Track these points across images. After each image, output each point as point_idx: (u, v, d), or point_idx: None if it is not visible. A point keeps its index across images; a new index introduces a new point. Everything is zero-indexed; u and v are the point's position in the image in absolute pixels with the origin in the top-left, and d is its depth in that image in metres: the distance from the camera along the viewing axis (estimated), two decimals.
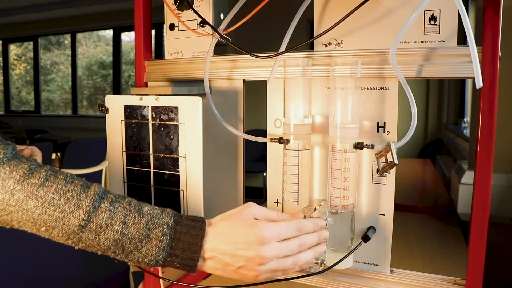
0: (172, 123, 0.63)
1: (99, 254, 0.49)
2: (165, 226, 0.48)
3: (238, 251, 0.48)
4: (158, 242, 0.48)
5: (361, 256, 0.63)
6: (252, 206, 0.52)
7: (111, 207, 0.48)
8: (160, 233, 0.48)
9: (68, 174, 0.49)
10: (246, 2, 0.62)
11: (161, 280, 0.66)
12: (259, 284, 0.62)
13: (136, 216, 0.48)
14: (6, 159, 0.46)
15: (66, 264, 1.15)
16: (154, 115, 0.65)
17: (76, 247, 0.48)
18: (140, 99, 0.66)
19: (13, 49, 6.60)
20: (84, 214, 0.46)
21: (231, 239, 0.49)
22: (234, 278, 0.50)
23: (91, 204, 0.47)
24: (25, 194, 0.45)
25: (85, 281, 1.21)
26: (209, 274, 0.92)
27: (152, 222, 0.48)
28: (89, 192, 0.48)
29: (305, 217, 0.55)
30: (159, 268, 0.62)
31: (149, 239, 0.48)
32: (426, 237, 1.09)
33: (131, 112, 0.67)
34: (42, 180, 0.46)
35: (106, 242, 0.47)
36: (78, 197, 0.47)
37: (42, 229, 0.46)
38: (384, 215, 0.61)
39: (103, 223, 0.47)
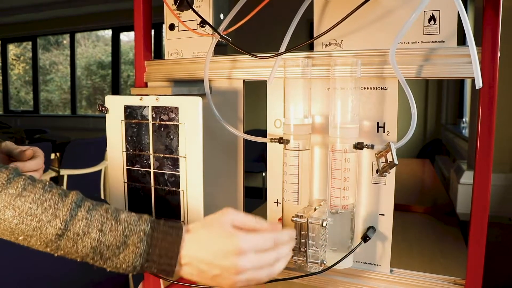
0: (172, 123, 0.63)
1: (78, 261, 0.49)
2: (141, 233, 0.49)
3: (215, 260, 0.48)
4: (135, 248, 0.48)
5: (361, 256, 0.63)
6: (231, 212, 0.51)
7: (88, 215, 0.48)
8: (137, 240, 0.48)
9: (47, 183, 0.49)
10: (246, 3, 0.62)
11: (161, 280, 0.66)
12: (260, 284, 0.62)
13: (113, 223, 0.49)
14: None
15: (65, 264, 1.14)
16: (154, 115, 0.65)
17: (56, 255, 0.49)
18: (140, 99, 0.66)
19: (12, 49, 6.59)
20: (61, 223, 0.47)
21: (209, 247, 0.49)
22: (209, 285, 0.51)
23: (68, 213, 0.47)
24: (2, 204, 0.46)
25: (85, 281, 1.21)
26: None
27: (129, 229, 0.49)
28: (66, 201, 0.48)
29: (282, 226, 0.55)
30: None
31: (126, 246, 0.48)
32: (425, 237, 1.09)
33: (131, 112, 0.67)
34: (20, 190, 0.47)
35: (84, 250, 0.48)
36: (56, 206, 0.47)
37: (20, 238, 0.47)
38: (384, 215, 0.61)
39: (80, 231, 0.47)
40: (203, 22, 0.70)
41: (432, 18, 0.56)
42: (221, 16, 0.72)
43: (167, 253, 0.48)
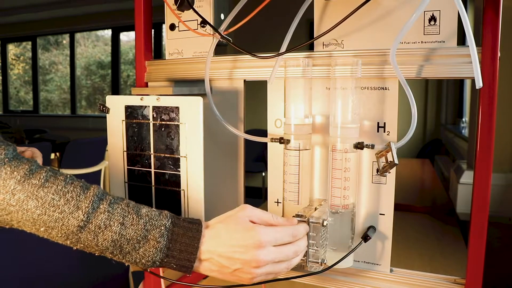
0: (173, 123, 0.63)
1: (97, 254, 0.49)
2: (162, 228, 0.49)
3: (235, 254, 0.49)
4: (156, 243, 0.48)
5: (361, 256, 0.63)
6: (248, 208, 0.52)
7: (110, 208, 0.48)
8: (158, 234, 0.48)
9: (68, 176, 0.49)
10: (246, 3, 0.63)
11: (162, 280, 0.66)
12: (260, 284, 0.62)
13: (135, 217, 0.49)
14: (7, 159, 0.46)
15: (65, 264, 1.15)
16: (155, 115, 0.65)
17: (75, 248, 0.49)
18: (141, 99, 0.66)
19: (12, 49, 6.59)
20: (83, 215, 0.47)
21: (228, 241, 0.49)
22: (229, 280, 0.51)
23: (90, 205, 0.47)
24: (25, 195, 0.46)
25: (85, 281, 1.21)
26: None
27: (150, 223, 0.49)
28: (88, 193, 0.48)
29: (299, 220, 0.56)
30: (160, 268, 0.63)
31: (146, 240, 0.48)
32: (425, 237, 1.09)
33: (132, 112, 0.67)
34: (43, 181, 0.47)
35: (105, 243, 0.47)
36: (78, 198, 0.47)
37: (42, 229, 0.47)
38: (384, 214, 0.61)
39: (102, 224, 0.47)
40: (204, 22, 0.70)
41: (432, 18, 0.56)
42: (222, 16, 0.72)
43: (187, 248, 0.49)
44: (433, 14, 0.56)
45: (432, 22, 0.56)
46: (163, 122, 0.64)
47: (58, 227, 0.46)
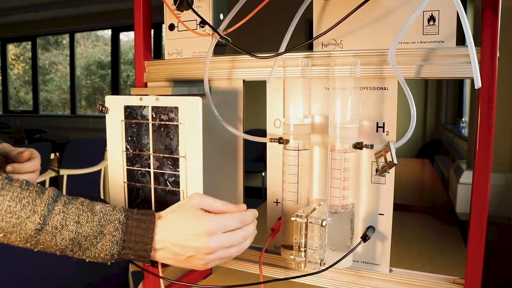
0: (172, 123, 0.63)
1: (58, 254, 0.51)
2: (116, 222, 0.51)
3: (187, 242, 0.51)
4: (112, 237, 0.50)
5: (361, 256, 0.63)
6: (198, 197, 0.55)
7: (65, 209, 0.50)
8: (113, 229, 0.51)
9: (24, 181, 0.51)
10: (246, 3, 0.63)
11: (161, 280, 0.66)
12: (259, 284, 0.62)
13: (89, 215, 0.51)
14: None
15: (64, 264, 1.15)
16: (154, 115, 0.65)
17: (35, 249, 0.51)
18: (140, 99, 0.66)
19: (11, 49, 6.59)
20: (39, 218, 0.48)
21: (180, 230, 0.52)
22: (184, 267, 0.54)
23: (45, 208, 0.49)
24: None
25: (84, 281, 1.21)
26: (209, 274, 0.92)
27: (105, 219, 0.51)
28: (43, 196, 0.50)
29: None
30: (160, 267, 0.63)
31: (103, 235, 0.50)
32: (424, 237, 1.09)
33: (131, 112, 0.67)
34: None
35: (63, 242, 0.49)
36: (34, 202, 0.49)
37: (0, 235, 0.48)
38: (383, 214, 0.61)
39: (58, 224, 0.49)
40: (203, 22, 0.70)
41: (432, 18, 0.56)
42: (221, 16, 0.72)
43: (142, 239, 0.51)
44: (432, 14, 0.56)
45: (431, 22, 0.56)
46: (162, 122, 0.64)
47: (17, 231, 0.48)
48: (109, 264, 0.52)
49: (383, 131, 0.60)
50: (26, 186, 0.50)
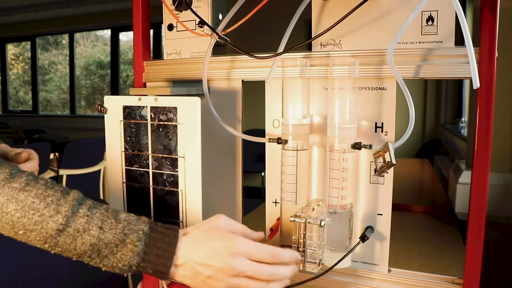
0: (170, 123, 0.63)
1: (74, 259, 0.50)
2: (140, 232, 0.50)
3: (209, 260, 0.49)
4: (133, 247, 0.49)
5: (359, 256, 0.63)
6: (223, 218, 0.53)
7: (89, 213, 0.49)
8: (136, 238, 0.49)
9: (49, 180, 0.50)
10: (244, 3, 0.63)
11: (160, 280, 0.66)
12: None
13: (113, 222, 0.49)
14: None
15: (64, 264, 1.15)
16: (152, 116, 0.65)
17: (52, 251, 0.49)
18: (139, 99, 0.66)
19: (11, 48, 6.58)
20: (62, 218, 0.47)
21: (204, 248, 0.50)
22: None
23: (70, 209, 0.48)
24: (5, 198, 0.46)
25: (84, 281, 1.21)
26: None
27: (128, 228, 0.50)
28: (68, 198, 0.49)
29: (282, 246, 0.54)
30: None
31: (124, 244, 0.49)
32: (423, 237, 1.09)
33: (129, 112, 0.67)
34: (23, 184, 0.47)
35: (83, 247, 0.48)
36: (58, 202, 0.48)
37: (20, 232, 0.47)
38: (382, 214, 0.61)
39: (81, 227, 0.48)
40: (202, 23, 0.70)
41: (430, 19, 0.56)
42: (220, 16, 0.72)
43: (164, 253, 0.49)
44: (430, 15, 0.56)
45: (430, 22, 0.56)
46: (161, 123, 0.64)
47: (37, 230, 0.47)
48: (125, 276, 0.50)
49: (382, 131, 0.60)
50: (51, 185, 0.49)
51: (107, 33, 5.77)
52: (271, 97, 0.67)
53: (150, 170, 0.66)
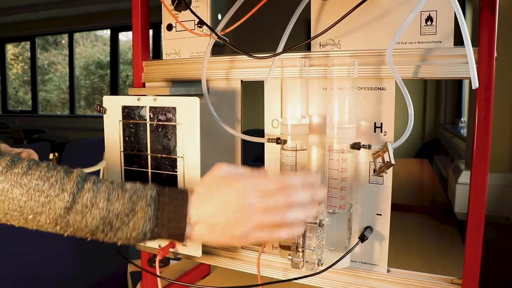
0: (169, 123, 0.63)
1: (89, 238, 0.50)
2: (148, 197, 0.50)
3: (221, 209, 0.49)
4: (144, 213, 0.49)
5: (359, 256, 0.63)
6: (224, 166, 0.52)
7: (94, 187, 0.49)
8: (145, 204, 0.49)
9: (50, 163, 0.50)
10: (243, 3, 0.63)
11: (158, 280, 0.66)
12: (258, 286, 0.62)
13: (120, 192, 0.50)
14: None
15: (63, 265, 1.15)
16: (152, 116, 0.65)
17: (65, 234, 0.49)
18: (138, 99, 0.66)
19: (10, 48, 6.58)
20: (68, 196, 0.47)
21: (213, 200, 0.50)
22: (222, 243, 0.50)
23: (74, 186, 0.48)
24: (9, 184, 0.46)
25: (83, 281, 1.21)
26: (207, 274, 0.92)
27: (136, 195, 0.50)
28: (71, 176, 0.49)
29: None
30: (157, 267, 0.63)
31: (134, 213, 0.49)
32: (423, 237, 1.09)
33: (129, 112, 0.67)
34: (25, 169, 0.48)
35: (94, 222, 0.48)
36: (62, 181, 0.48)
37: (30, 217, 0.47)
38: (381, 215, 0.61)
39: (88, 202, 0.48)
40: (201, 23, 0.70)
41: (429, 19, 0.56)
42: (219, 16, 0.72)
43: (176, 216, 0.49)
44: (429, 15, 0.56)
45: (429, 22, 0.56)
46: (160, 123, 0.64)
47: (46, 211, 0.47)
48: (143, 245, 0.47)
49: (381, 132, 0.60)
50: (53, 167, 0.49)
51: (106, 33, 5.77)
52: (270, 97, 0.67)
53: (149, 170, 0.66)
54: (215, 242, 0.51)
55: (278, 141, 0.62)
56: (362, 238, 0.61)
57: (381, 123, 0.60)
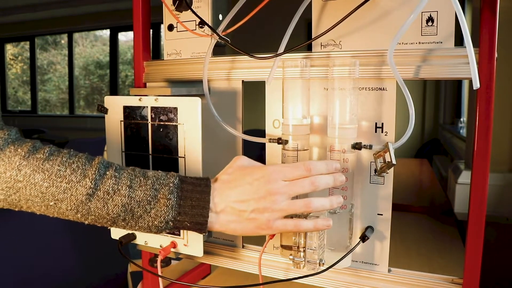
0: (171, 123, 0.64)
1: (109, 227, 0.49)
2: (171, 185, 0.49)
3: (248, 195, 0.49)
4: (166, 201, 0.48)
5: (359, 256, 0.64)
6: (245, 158, 0.53)
7: (116, 174, 0.48)
8: (167, 192, 0.48)
9: (71, 150, 0.50)
10: (245, 3, 0.63)
11: (160, 280, 0.66)
12: (258, 285, 0.62)
13: (142, 179, 0.49)
14: (10, 139, 0.48)
15: (64, 266, 1.15)
16: (153, 116, 0.65)
17: (86, 222, 0.49)
18: (139, 99, 0.66)
19: (10, 48, 6.57)
20: (90, 182, 0.47)
21: (238, 186, 0.49)
22: (248, 230, 0.50)
23: (96, 172, 0.48)
24: (31, 169, 0.46)
25: (83, 281, 1.21)
26: (208, 274, 0.92)
27: (158, 182, 0.49)
28: (93, 162, 0.49)
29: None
30: (159, 267, 0.63)
31: (157, 200, 0.48)
32: (423, 237, 1.09)
33: (130, 112, 0.67)
34: (47, 154, 0.48)
35: (115, 209, 0.47)
36: (84, 167, 0.48)
37: (51, 203, 0.47)
38: (382, 214, 0.62)
39: (110, 189, 0.47)
40: (202, 23, 0.70)
41: (430, 19, 0.56)
42: (220, 16, 0.72)
43: (199, 203, 0.49)
44: (430, 15, 0.56)
45: (430, 23, 0.57)
46: (162, 123, 0.64)
47: (67, 198, 0.47)
48: (165, 233, 0.45)
49: (382, 132, 0.60)
50: (74, 153, 0.49)
51: (106, 33, 5.77)
52: (272, 98, 0.67)
53: None
54: (239, 231, 0.50)
55: (279, 141, 0.62)
56: (363, 238, 0.61)
57: (382, 123, 0.60)
